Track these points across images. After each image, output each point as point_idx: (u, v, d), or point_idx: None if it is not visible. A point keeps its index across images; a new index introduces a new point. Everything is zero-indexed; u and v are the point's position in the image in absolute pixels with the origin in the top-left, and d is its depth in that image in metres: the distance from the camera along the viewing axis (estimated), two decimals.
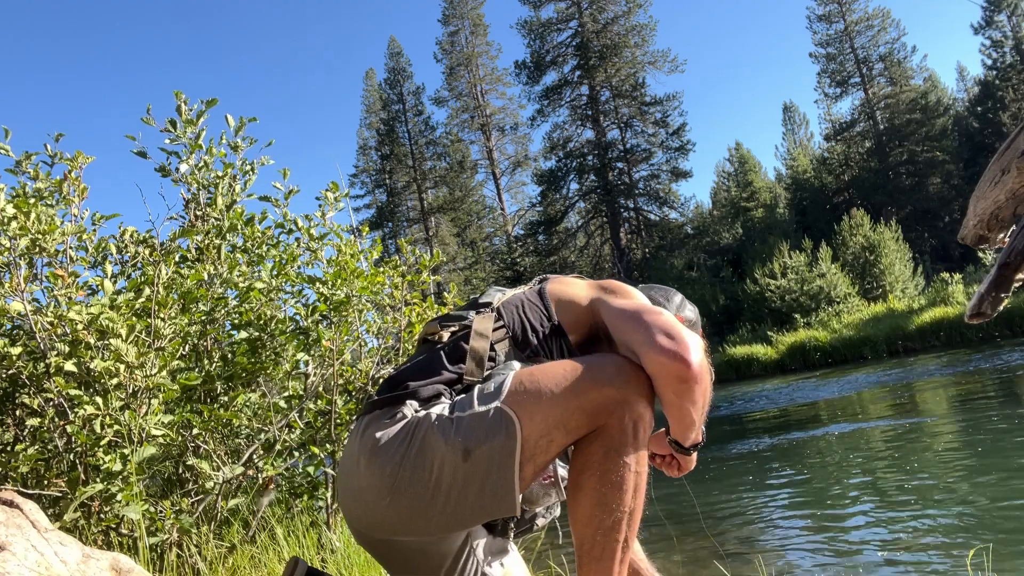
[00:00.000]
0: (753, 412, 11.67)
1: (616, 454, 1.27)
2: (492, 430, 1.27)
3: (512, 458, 1.26)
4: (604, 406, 1.26)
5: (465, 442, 1.26)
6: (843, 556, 3.53)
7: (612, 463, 1.27)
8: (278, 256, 3.35)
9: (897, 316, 21.47)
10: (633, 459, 1.27)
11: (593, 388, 1.27)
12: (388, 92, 43.56)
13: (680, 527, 4.68)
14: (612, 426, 1.27)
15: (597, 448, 1.28)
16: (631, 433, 1.27)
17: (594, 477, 1.27)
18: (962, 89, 45.96)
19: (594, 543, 1.28)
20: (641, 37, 36.77)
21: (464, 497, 1.27)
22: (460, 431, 1.28)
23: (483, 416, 1.28)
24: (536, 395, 1.28)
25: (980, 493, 4.24)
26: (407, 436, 1.32)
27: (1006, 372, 10.23)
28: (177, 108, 3.20)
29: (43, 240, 2.63)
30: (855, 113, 38.93)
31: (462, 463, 1.26)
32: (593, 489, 1.27)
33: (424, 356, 1.48)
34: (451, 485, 1.27)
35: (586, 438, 1.30)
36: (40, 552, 1.57)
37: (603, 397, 1.26)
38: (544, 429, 1.27)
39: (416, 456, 1.29)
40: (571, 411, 1.26)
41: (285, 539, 2.81)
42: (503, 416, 1.27)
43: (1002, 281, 1.99)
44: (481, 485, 1.26)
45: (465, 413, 1.30)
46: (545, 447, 1.28)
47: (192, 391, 2.86)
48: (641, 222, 36.93)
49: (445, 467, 1.27)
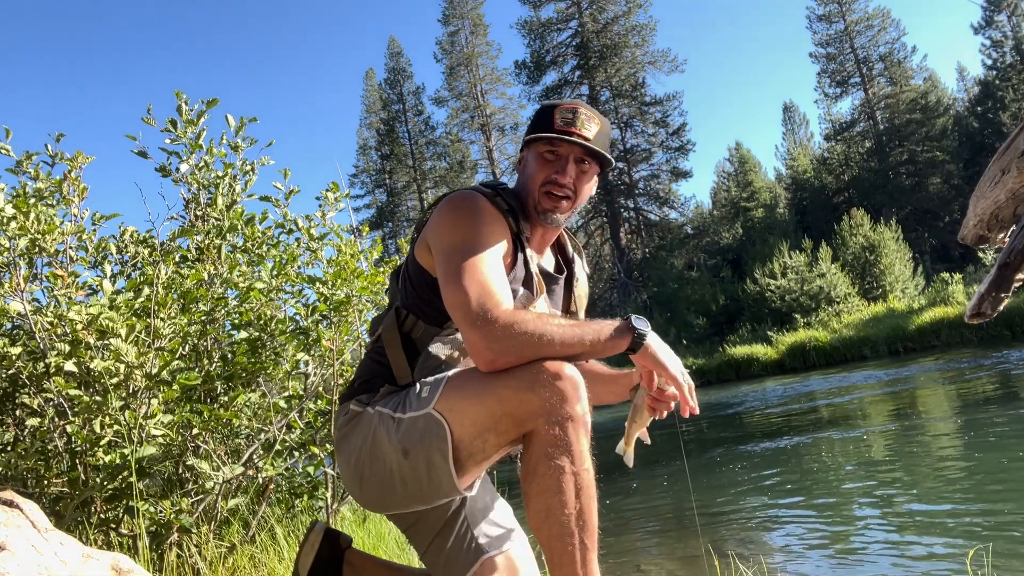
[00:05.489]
0: (753, 412, 11.68)
1: (547, 458, 1.28)
2: (425, 434, 1.38)
3: (446, 459, 1.36)
4: (528, 413, 1.29)
5: (402, 443, 1.40)
6: (842, 555, 3.53)
7: (545, 468, 1.28)
8: (278, 256, 3.34)
9: (897, 316, 21.47)
10: (566, 461, 1.27)
11: (514, 396, 1.30)
12: (388, 92, 43.57)
13: (679, 527, 4.68)
14: (539, 432, 1.29)
15: (530, 454, 1.31)
16: (559, 435, 1.27)
17: (533, 484, 1.30)
18: (962, 89, 45.96)
19: (551, 549, 1.29)
20: (641, 37, 36.78)
21: (417, 485, 1.40)
22: (399, 432, 1.41)
23: (416, 421, 1.39)
24: (464, 401, 1.36)
25: (980, 493, 4.24)
26: (359, 432, 1.48)
27: (1006, 372, 10.24)
28: (178, 108, 3.20)
29: (43, 240, 2.63)
30: (855, 113, 38.93)
31: (404, 460, 1.40)
32: (535, 496, 1.30)
33: (367, 352, 1.64)
34: (402, 476, 1.41)
35: (525, 444, 1.33)
36: (40, 552, 1.57)
37: (524, 404, 1.29)
38: (475, 432, 1.34)
39: (371, 450, 1.45)
40: (497, 418, 1.31)
41: (285, 539, 2.81)
42: (433, 421, 1.37)
43: (1002, 281, 2.00)
44: (427, 478, 1.39)
45: (405, 415, 1.42)
46: (481, 447, 1.35)
47: (192, 391, 2.85)
48: (641, 222, 36.92)
49: (392, 462, 1.41)
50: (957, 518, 3.81)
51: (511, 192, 1.66)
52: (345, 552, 1.66)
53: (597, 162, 1.62)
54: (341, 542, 1.69)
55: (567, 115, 1.56)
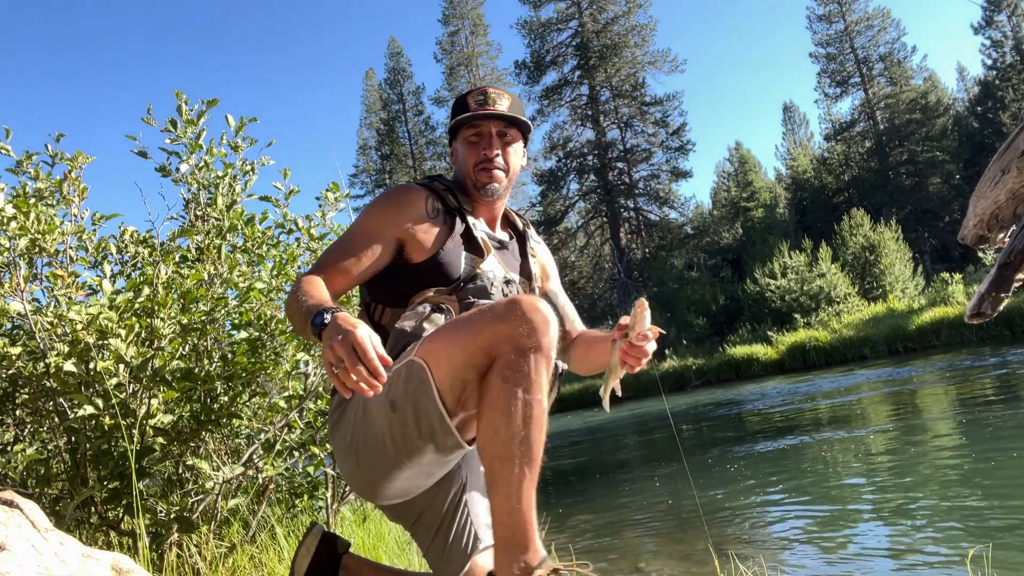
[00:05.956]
0: (753, 412, 11.68)
1: (503, 380, 1.31)
2: (408, 379, 1.41)
3: (431, 399, 1.38)
4: (496, 340, 1.32)
5: (388, 396, 1.42)
6: (842, 555, 3.53)
7: (499, 389, 1.32)
8: (278, 256, 3.34)
9: (897, 316, 21.47)
10: (522, 386, 1.31)
11: (487, 326, 1.34)
12: (388, 92, 43.59)
13: (679, 526, 4.68)
14: (502, 356, 1.32)
15: (490, 375, 1.34)
16: (520, 361, 1.31)
17: (486, 403, 1.34)
18: (962, 89, 45.94)
19: (491, 468, 1.34)
20: (641, 37, 36.78)
21: (408, 438, 1.42)
22: (386, 388, 1.38)
23: (399, 371, 1.43)
24: (442, 341, 1.40)
25: (980, 493, 4.24)
26: (350, 409, 1.53)
27: (1006, 372, 10.24)
28: (178, 108, 3.19)
29: (43, 240, 2.63)
30: (855, 113, 38.93)
31: (393, 414, 1.43)
32: (485, 414, 1.34)
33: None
34: (392, 433, 1.43)
35: (488, 368, 1.36)
36: (40, 552, 1.57)
37: (494, 332, 1.33)
38: (454, 371, 1.36)
39: (363, 417, 1.49)
40: (471, 351, 1.35)
41: (285, 539, 2.82)
42: (414, 366, 1.41)
43: (1002, 281, 2.00)
44: (416, 427, 1.41)
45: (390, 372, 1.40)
46: (462, 386, 1.37)
47: (192, 391, 2.85)
48: (641, 222, 36.92)
49: (383, 422, 1.44)
50: (957, 518, 3.81)
51: (452, 181, 1.79)
52: (342, 557, 1.66)
53: (518, 130, 1.75)
54: (339, 546, 1.69)
55: (479, 97, 1.72)
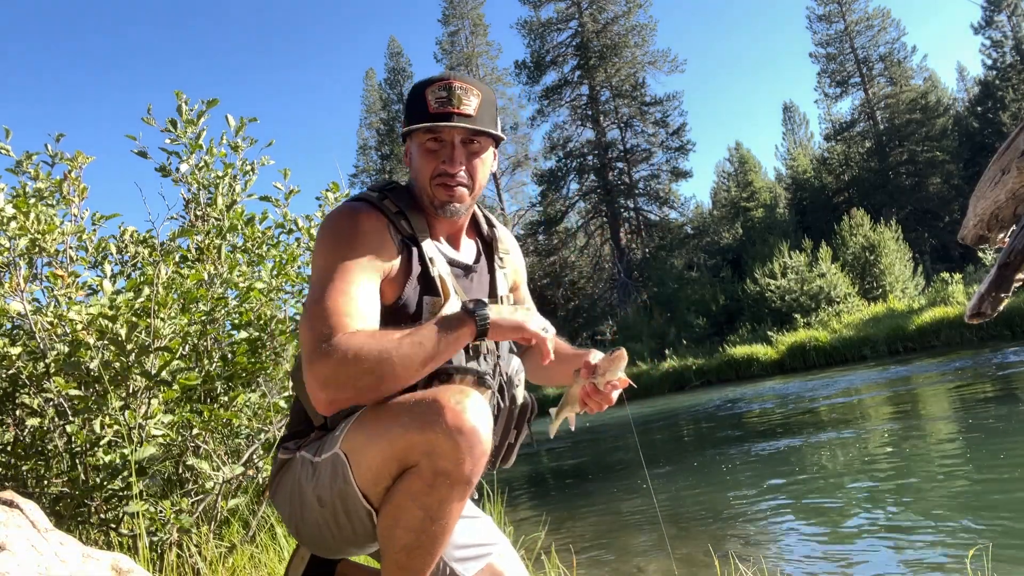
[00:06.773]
0: (753, 413, 11.68)
1: (408, 497, 1.23)
2: (333, 477, 1.32)
3: (355, 497, 1.29)
4: (411, 453, 1.22)
5: (316, 491, 1.34)
6: (842, 555, 3.53)
7: (403, 501, 1.24)
8: (278, 256, 3.35)
9: (897, 316, 21.45)
10: (424, 511, 1.22)
11: (403, 435, 1.22)
12: (388, 92, 43.58)
13: (678, 527, 4.68)
14: (416, 470, 1.22)
15: (403, 478, 1.24)
16: (432, 487, 1.21)
17: (389, 504, 1.26)
18: (962, 89, 45.97)
19: (384, 553, 1.29)
20: (641, 37, 36.78)
21: (344, 531, 1.35)
22: (315, 479, 1.36)
23: (326, 463, 1.34)
24: (363, 437, 1.28)
25: (980, 493, 4.24)
26: (286, 482, 1.45)
27: (1006, 372, 10.24)
28: (178, 108, 3.20)
29: (43, 240, 2.63)
30: (855, 113, 38.93)
31: (321, 508, 1.35)
32: (384, 514, 1.27)
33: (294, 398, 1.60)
34: (327, 524, 1.36)
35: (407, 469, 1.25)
36: (40, 552, 1.57)
37: (409, 444, 1.21)
38: (373, 471, 1.26)
39: (299, 500, 1.40)
40: (387, 457, 1.24)
41: (285, 539, 2.82)
42: (339, 462, 1.31)
43: (1002, 281, 2.00)
44: (347, 520, 1.32)
45: (320, 458, 1.36)
46: (385, 483, 1.27)
47: (192, 391, 2.85)
48: (641, 222, 36.92)
49: (316, 512, 1.36)
50: (957, 518, 3.81)
51: (404, 190, 1.52)
52: (337, 564, 1.60)
53: (488, 135, 1.46)
54: None
55: (441, 94, 1.40)
